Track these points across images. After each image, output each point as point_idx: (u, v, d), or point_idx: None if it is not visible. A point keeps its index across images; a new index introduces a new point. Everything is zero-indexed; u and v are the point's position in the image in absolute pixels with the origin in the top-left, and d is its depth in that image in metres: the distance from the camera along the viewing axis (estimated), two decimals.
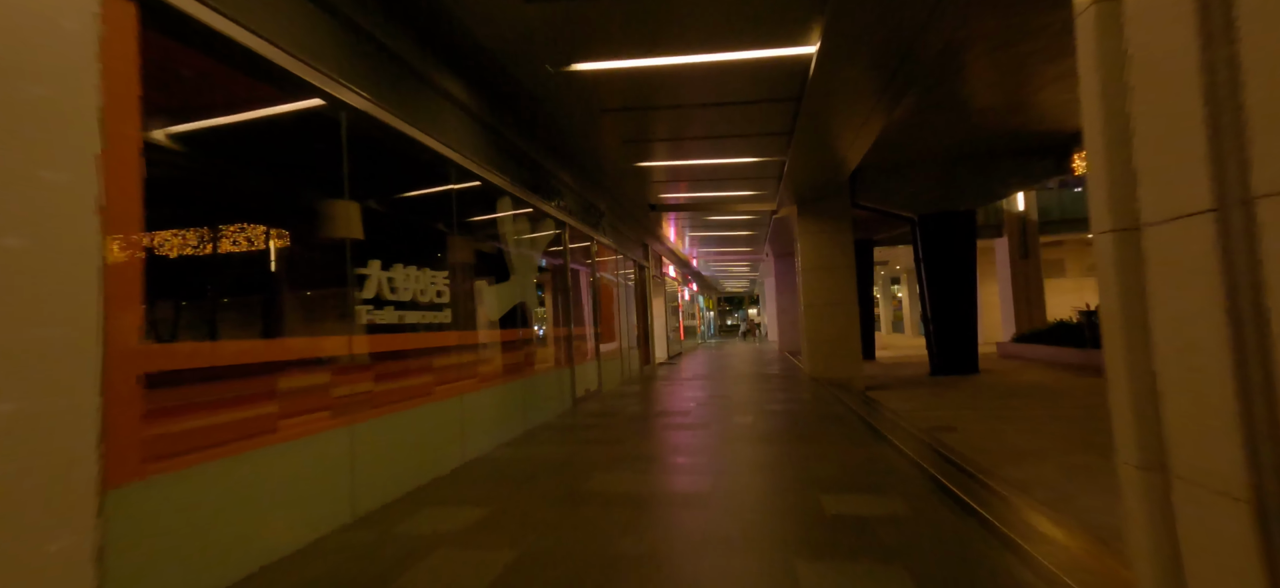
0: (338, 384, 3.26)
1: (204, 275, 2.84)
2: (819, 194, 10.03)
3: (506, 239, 5.88)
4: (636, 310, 13.38)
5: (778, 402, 7.51)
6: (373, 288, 3.61)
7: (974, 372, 11.48)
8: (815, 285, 10.20)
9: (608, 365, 9.84)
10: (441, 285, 4.43)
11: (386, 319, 3.73)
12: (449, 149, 4.66)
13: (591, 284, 9.23)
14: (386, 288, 3.75)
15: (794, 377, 10.74)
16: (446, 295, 4.48)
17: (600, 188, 9.52)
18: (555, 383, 7.03)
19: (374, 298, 3.60)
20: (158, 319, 2.43)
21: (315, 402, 3.09)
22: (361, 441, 3.39)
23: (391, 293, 3.81)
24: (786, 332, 19.75)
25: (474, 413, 4.81)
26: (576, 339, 8.24)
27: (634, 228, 12.71)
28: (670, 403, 7.81)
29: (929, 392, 9.35)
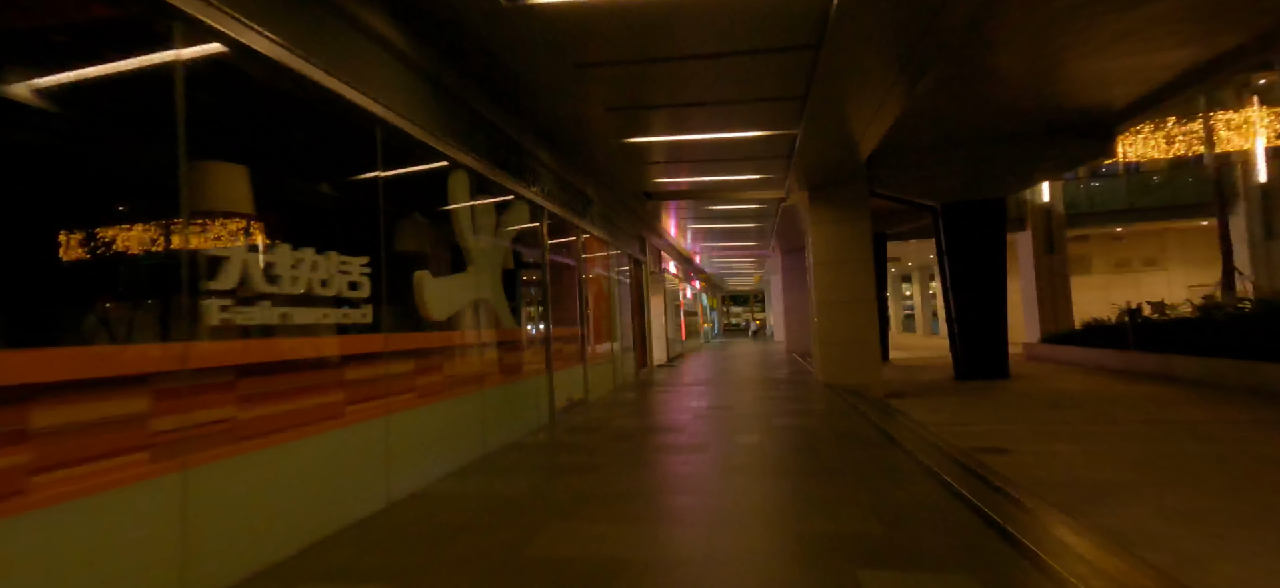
0: (162, 414, 2.26)
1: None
2: (832, 179, 8.98)
3: (462, 223, 4.87)
4: (632, 309, 12.36)
5: (787, 414, 6.47)
6: (233, 275, 2.61)
7: (1004, 376, 10.40)
8: (828, 281, 9.16)
9: (597, 371, 8.83)
10: (358, 275, 3.43)
11: (259, 319, 2.73)
12: (377, 104, 3.65)
13: (578, 280, 8.23)
14: (259, 276, 2.75)
15: (804, 383, 9.70)
16: (366, 289, 3.48)
17: (587, 171, 8.50)
18: (529, 394, 6.03)
19: (233, 289, 2.60)
20: None
21: (113, 442, 2.09)
22: (203, 490, 2.39)
23: (270, 283, 2.81)
24: (794, 331, 18.69)
25: (407, 437, 3.81)
26: (558, 342, 7.23)
27: (629, 220, 11.70)
28: (664, 416, 6.78)
29: (959, 401, 8.29)
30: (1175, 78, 7.83)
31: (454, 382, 4.53)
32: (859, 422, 5.98)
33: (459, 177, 4.84)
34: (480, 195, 5.29)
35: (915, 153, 10.36)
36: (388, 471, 3.58)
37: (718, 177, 9.03)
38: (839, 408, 6.91)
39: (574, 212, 8.02)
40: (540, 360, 6.52)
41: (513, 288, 6.22)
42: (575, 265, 8.23)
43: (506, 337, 5.60)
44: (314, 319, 3.09)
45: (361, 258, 3.48)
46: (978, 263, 10.56)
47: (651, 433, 5.69)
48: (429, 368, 4.22)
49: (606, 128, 6.70)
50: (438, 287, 4.41)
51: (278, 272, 2.86)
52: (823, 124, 6.64)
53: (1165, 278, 18.80)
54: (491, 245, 5.46)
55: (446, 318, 4.54)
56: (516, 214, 6.13)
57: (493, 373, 5.23)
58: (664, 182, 9.44)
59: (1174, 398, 7.64)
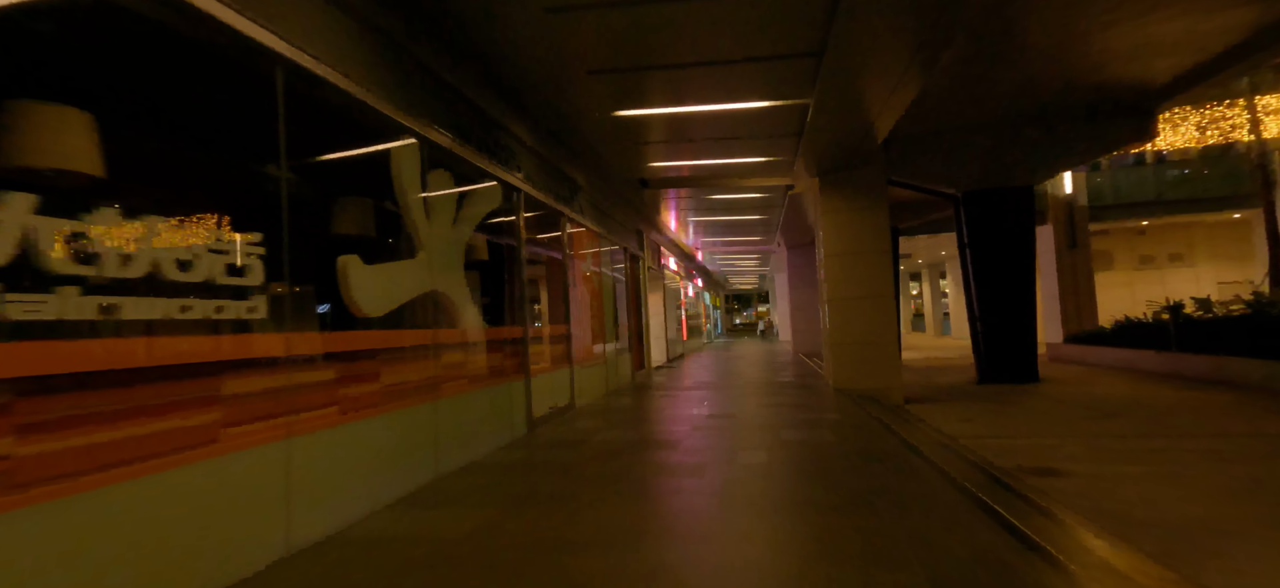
0: None
1: None
2: (846, 162, 8.13)
3: (411, 203, 4.06)
4: (628, 307, 11.54)
5: (798, 426, 5.64)
6: (6, 248, 1.81)
7: (1032, 379, 9.53)
8: (841, 275, 8.31)
9: (587, 374, 8.02)
10: (244, 257, 2.62)
11: (54, 312, 1.93)
12: (280, 41, 2.85)
13: (563, 275, 7.42)
14: (57, 252, 1.94)
15: (814, 387, 8.86)
16: (256, 275, 2.67)
17: (574, 153, 7.69)
18: (498, 402, 5.22)
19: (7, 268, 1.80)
20: None
21: None
22: None
23: (83, 263, 2.00)
24: (802, 331, 17.82)
25: (321, 464, 3.00)
26: (538, 343, 6.42)
27: (624, 210, 10.88)
28: (658, 427, 5.96)
29: (989, 408, 7.43)
30: (1235, 45, 6.96)
31: (395, 391, 3.71)
32: (880, 435, 5.14)
33: (407, 149, 4.03)
34: (437, 172, 4.48)
35: (934, 136, 9.51)
36: (288, 510, 2.77)
37: (720, 159, 8.20)
38: (855, 418, 6.07)
39: (559, 198, 7.20)
40: (515, 364, 5.70)
41: (483, 282, 5.41)
42: (561, 259, 7.42)
43: (470, 337, 4.79)
44: (164, 313, 2.28)
45: (250, 235, 2.67)
46: (1003, 256, 9.68)
47: (641, 449, 4.87)
48: (359, 375, 3.41)
49: (592, 97, 5.88)
50: (372, 277, 3.60)
51: (93, 249, 2.05)
52: (837, 96, 5.80)
53: (1192, 274, 17.84)
54: (452, 232, 4.64)
55: (386, 314, 3.73)
56: (486, 198, 5.32)
57: (451, 379, 4.42)
58: (661, 166, 8.62)
59: (1242, 407, 6.75)
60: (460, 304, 4.67)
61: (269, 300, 2.73)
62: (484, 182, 5.26)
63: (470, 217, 4.97)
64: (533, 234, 7.17)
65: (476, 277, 5.58)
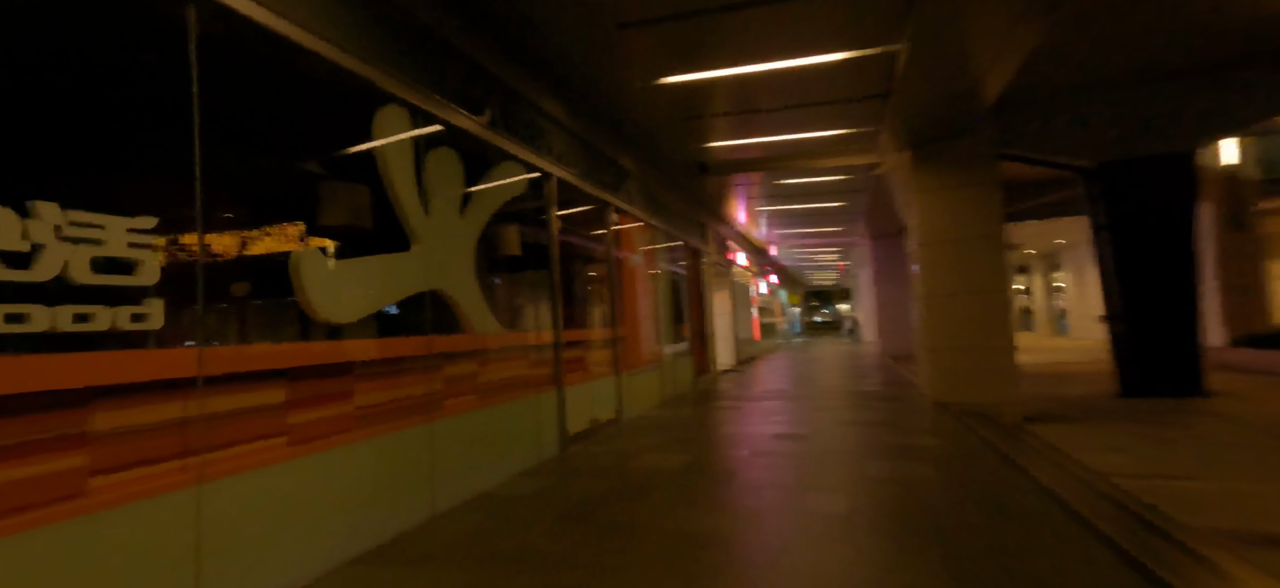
0: None
1: None
2: (943, 131, 6.76)
3: (400, 184, 3.40)
4: (690, 306, 10.61)
5: (887, 456, 4.49)
6: None
7: (1196, 392, 7.59)
8: (939, 267, 6.94)
9: (637, 381, 7.19)
10: (128, 247, 2.01)
11: None
12: None
13: (609, 270, 6.63)
14: None
15: (905, 400, 7.51)
16: (147, 271, 2.06)
17: (619, 135, 6.88)
18: (521, 420, 4.50)
19: None
20: None
21: None
22: None
23: None
24: (889, 331, 16.05)
25: (253, 512, 2.36)
26: (575, 348, 5.67)
27: (682, 201, 9.96)
28: (711, 451, 5.02)
29: (1144, 433, 5.82)
30: None
31: (374, 413, 3.06)
32: (999, 471, 3.92)
33: (393, 116, 3.37)
34: (439, 152, 3.81)
35: (1058, 97, 7.81)
36: (197, 578, 2.14)
37: (790, 135, 7.08)
38: (963, 445, 4.81)
39: (603, 186, 6.42)
40: (545, 374, 4.98)
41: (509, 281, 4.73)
42: (605, 252, 6.64)
43: (485, 344, 4.09)
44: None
45: (139, 221, 2.06)
46: (1155, 239, 7.80)
47: (685, 482, 3.96)
48: (321, 396, 2.77)
49: (629, 60, 5.03)
50: (339, 274, 2.95)
51: None
52: (935, 38, 4.58)
53: None
54: (458, 223, 3.96)
55: (362, 319, 3.08)
56: (506, 184, 4.62)
57: (455, 395, 3.73)
58: (722, 146, 7.62)
59: None
60: (470, 306, 3.99)
61: (164, 305, 2.10)
62: (505, 163, 4.56)
63: (485, 205, 4.28)
64: (571, 226, 6.44)
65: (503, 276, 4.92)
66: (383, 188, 3.32)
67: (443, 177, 3.82)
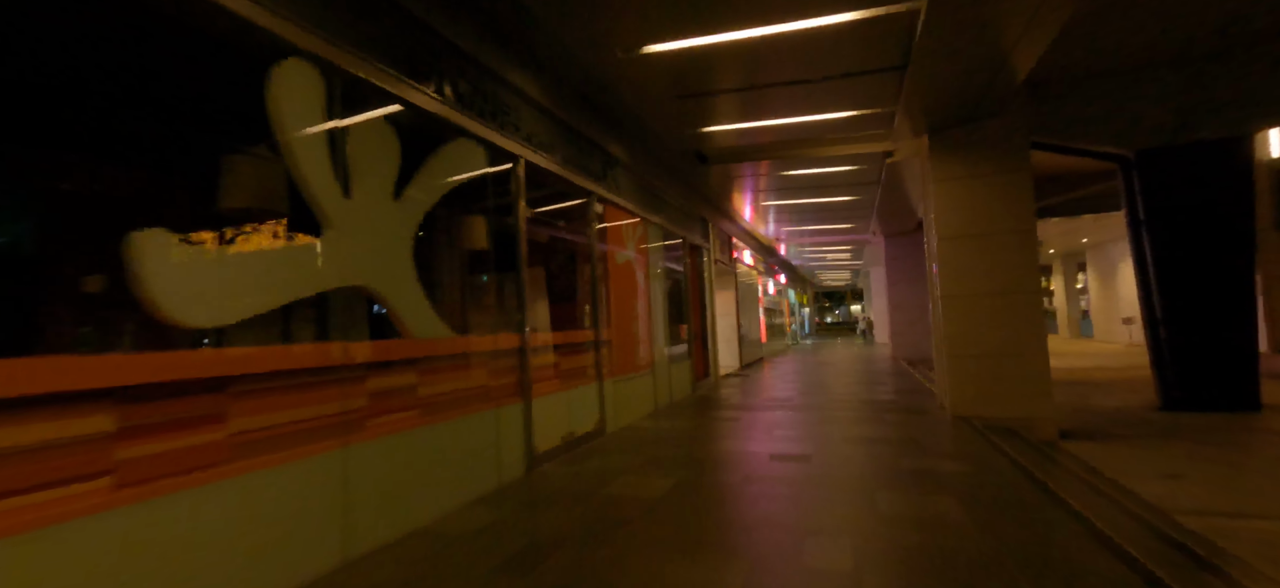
0: None
1: None
2: (968, 111, 6.04)
3: (299, 154, 2.78)
4: (690, 306, 9.95)
5: (904, 485, 3.80)
6: None
7: (1251, 406, 6.81)
8: (962, 265, 6.22)
9: (625, 389, 6.56)
10: None
11: None
12: None
13: (592, 266, 6.00)
14: None
15: (923, 411, 6.80)
16: None
17: (605, 117, 6.24)
18: (472, 439, 3.88)
19: None
20: None
21: None
22: None
23: None
24: (903, 334, 15.26)
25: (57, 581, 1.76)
26: (547, 352, 5.05)
27: (681, 194, 9.30)
28: (700, 473, 4.36)
29: (1203, 454, 5.07)
30: None
31: (256, 441, 2.45)
32: (1039, 509, 3.22)
33: (296, 74, 2.75)
34: (365, 121, 3.20)
35: (1093, 79, 7.07)
36: None
37: (795, 117, 6.39)
38: (992, 470, 4.11)
39: (586, 173, 5.80)
40: (509, 383, 4.35)
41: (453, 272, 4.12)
42: (589, 247, 6.01)
43: (422, 349, 3.48)
44: None
45: None
46: (1204, 234, 7.02)
47: (662, 519, 3.32)
48: (165, 424, 2.16)
49: (607, 21, 4.39)
50: (194, 264, 2.34)
51: None
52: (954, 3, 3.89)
53: None
54: (391, 207, 3.35)
55: (241, 320, 2.47)
56: (460, 159, 4.01)
57: (384, 412, 3.12)
58: (721, 132, 6.96)
59: None
60: (407, 307, 3.37)
61: None
62: (458, 140, 3.94)
63: (430, 189, 3.66)
64: (550, 218, 5.82)
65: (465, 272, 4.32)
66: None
67: (371, 153, 3.20)
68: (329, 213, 2.87)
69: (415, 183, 3.53)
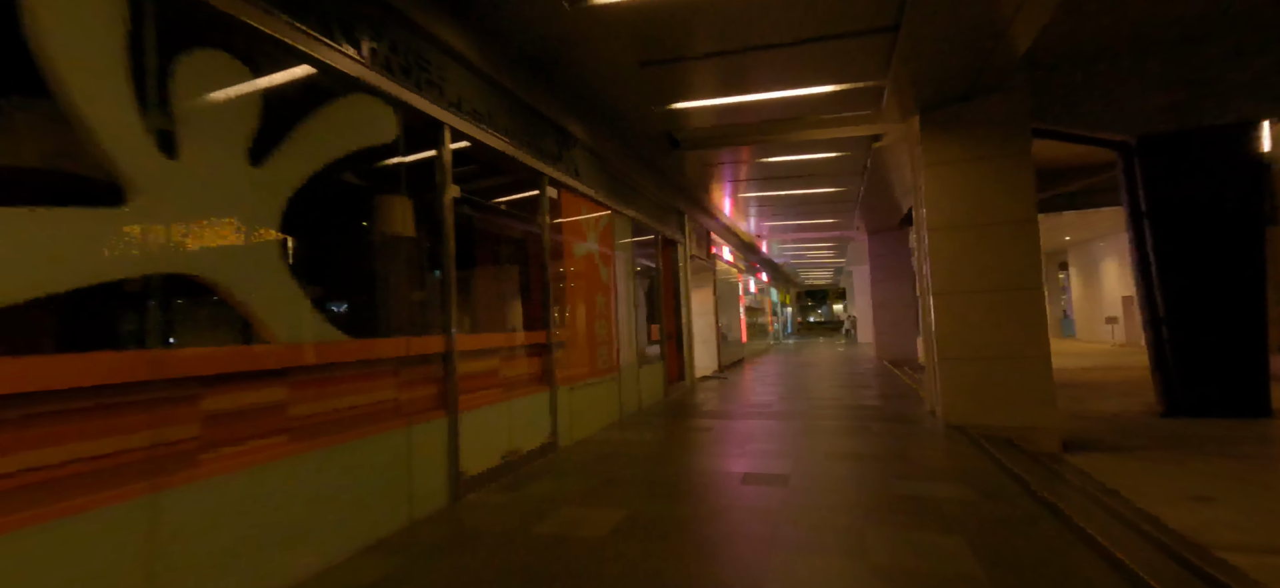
0: None
1: None
2: (964, 86, 5.45)
3: (78, 87, 2.02)
4: (663, 305, 9.27)
5: (896, 515, 3.14)
6: None
7: (1262, 413, 6.32)
8: (956, 259, 5.62)
9: (584, 397, 5.85)
10: None
11: None
12: None
13: (544, 258, 5.27)
14: None
15: (912, 418, 6.19)
16: None
17: (557, 86, 5.52)
18: (378, 465, 3.14)
19: None
20: None
21: None
22: None
23: None
24: (887, 334, 14.76)
25: None
26: (482, 357, 4.31)
27: (654, 183, 8.61)
28: (657, 503, 3.66)
29: (1227, 469, 4.50)
30: None
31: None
32: (1067, 549, 2.59)
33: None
34: (201, 53, 2.44)
35: (1092, 60, 6.54)
36: None
37: (777, 92, 5.72)
38: (1000, 494, 3.48)
39: (537, 152, 5.07)
40: (427, 394, 3.62)
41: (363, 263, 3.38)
42: (543, 237, 5.28)
43: (289, 357, 2.72)
44: None
45: None
46: (1209, 227, 6.52)
47: (599, 572, 2.61)
48: None
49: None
50: None
51: None
52: None
53: None
54: (243, 170, 2.59)
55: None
56: (356, 121, 3.25)
57: (226, 442, 2.37)
58: (693, 109, 6.27)
59: None
60: (268, 304, 2.62)
61: None
62: (353, 99, 3.20)
63: (307, 154, 2.90)
64: (489, 201, 5.09)
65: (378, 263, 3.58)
66: None
67: (213, 99, 2.45)
68: (135, 175, 2.11)
69: (289, 146, 2.78)
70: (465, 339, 4.01)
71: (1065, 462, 4.78)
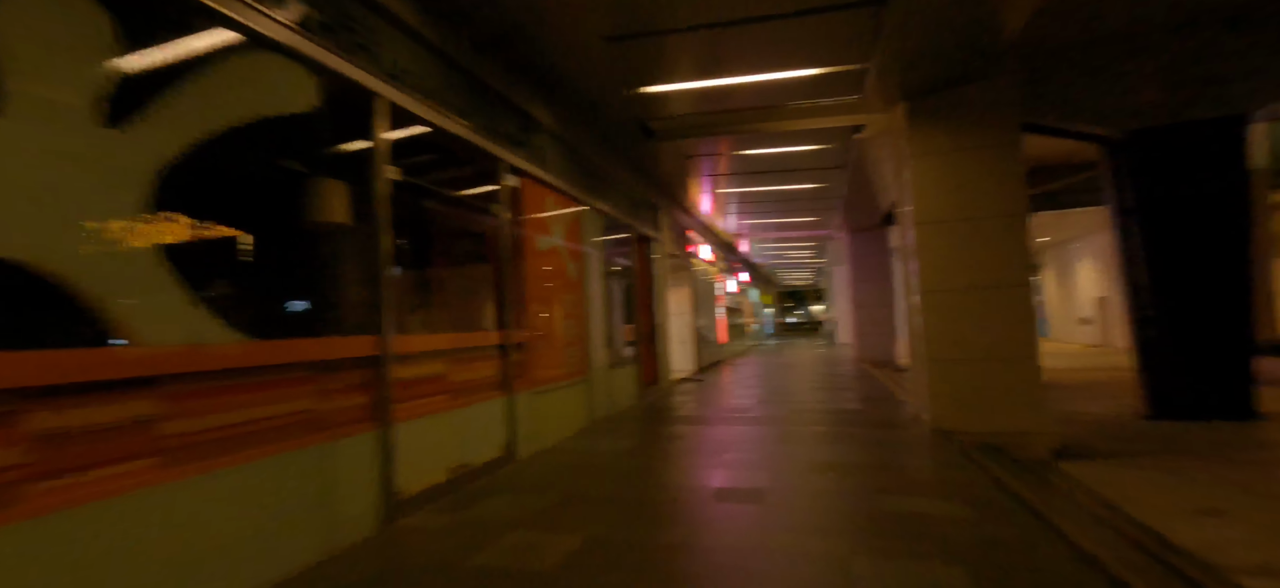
0: None
1: None
2: (953, 72, 5.14)
3: None
4: (638, 304, 8.86)
5: (888, 542, 2.77)
6: None
7: (1246, 414, 6.15)
8: (943, 254, 5.31)
9: (545, 404, 5.40)
10: None
11: None
12: None
13: (501, 249, 4.82)
14: None
15: (895, 423, 5.88)
16: None
17: (519, 67, 5.08)
18: (286, 488, 2.66)
19: None
20: None
21: None
22: None
23: None
24: (868, 335, 14.56)
25: None
26: (419, 360, 3.84)
27: (628, 175, 8.20)
28: (617, 528, 3.23)
29: (1243, 481, 4.23)
30: None
31: None
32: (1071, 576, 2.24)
33: None
34: None
35: (1079, 51, 6.32)
36: None
37: (754, 76, 5.35)
38: (996, 511, 3.15)
39: (492, 133, 4.62)
40: (354, 404, 3.14)
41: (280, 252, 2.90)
42: (502, 228, 4.82)
43: (158, 362, 2.24)
44: None
45: None
46: (1197, 224, 6.34)
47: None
48: None
49: None
50: None
51: None
52: None
53: None
54: (90, 132, 2.11)
55: None
56: (259, 84, 2.77)
57: (65, 468, 1.88)
58: (666, 94, 5.87)
59: None
60: (126, 295, 2.13)
61: None
62: (254, 57, 2.71)
63: (185, 117, 2.41)
64: (446, 188, 4.63)
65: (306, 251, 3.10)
66: None
67: (47, 41, 1.96)
68: None
69: (160, 109, 2.29)
70: (404, 341, 3.54)
71: (1061, 471, 4.49)
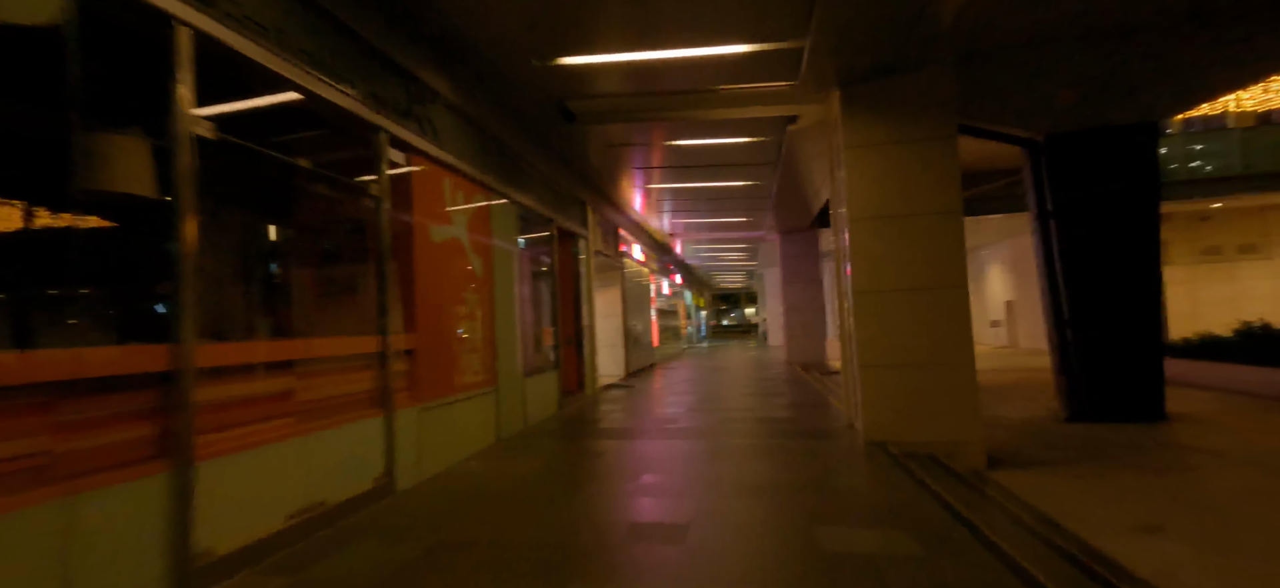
0: None
1: None
2: (890, 57, 4.83)
3: None
4: (560, 306, 8.16)
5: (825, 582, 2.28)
6: None
7: (1157, 416, 6.29)
8: (878, 253, 5.00)
9: (441, 420, 4.62)
10: None
11: None
12: None
13: (382, 241, 4.00)
14: None
15: (829, 434, 5.53)
16: None
17: (400, 18, 4.29)
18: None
19: None
20: None
21: None
22: None
23: None
24: (799, 338, 14.52)
25: None
26: (247, 376, 3.00)
27: (551, 165, 7.49)
28: (510, 577, 2.55)
29: (1168, 488, 4.10)
30: None
31: None
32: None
33: None
34: None
35: (1007, 52, 6.27)
36: None
37: (681, 51, 4.81)
38: (938, 535, 2.74)
39: (368, 97, 3.80)
40: (139, 437, 2.29)
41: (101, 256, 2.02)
42: (380, 212, 4.01)
43: None
44: None
45: None
46: (1112, 229, 6.45)
47: None
48: None
49: None
50: None
51: None
52: None
53: (1270, 268, 14.81)
54: None
55: None
56: None
57: None
58: (586, 67, 5.23)
59: None
60: None
61: None
62: None
63: None
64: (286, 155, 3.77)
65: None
66: None
67: None
68: None
69: None
70: (216, 351, 2.70)
71: (996, 484, 4.23)
